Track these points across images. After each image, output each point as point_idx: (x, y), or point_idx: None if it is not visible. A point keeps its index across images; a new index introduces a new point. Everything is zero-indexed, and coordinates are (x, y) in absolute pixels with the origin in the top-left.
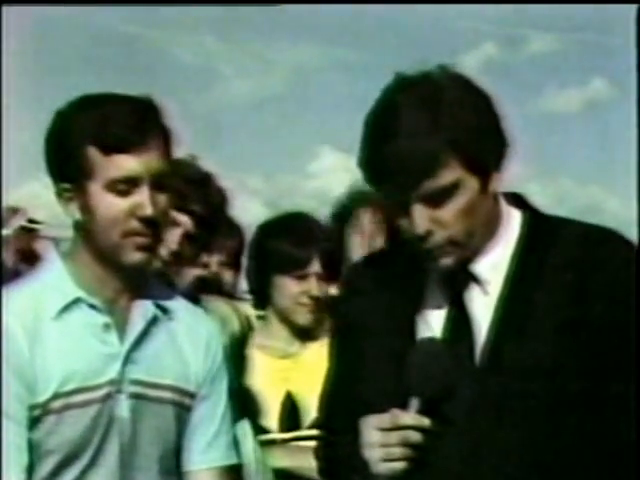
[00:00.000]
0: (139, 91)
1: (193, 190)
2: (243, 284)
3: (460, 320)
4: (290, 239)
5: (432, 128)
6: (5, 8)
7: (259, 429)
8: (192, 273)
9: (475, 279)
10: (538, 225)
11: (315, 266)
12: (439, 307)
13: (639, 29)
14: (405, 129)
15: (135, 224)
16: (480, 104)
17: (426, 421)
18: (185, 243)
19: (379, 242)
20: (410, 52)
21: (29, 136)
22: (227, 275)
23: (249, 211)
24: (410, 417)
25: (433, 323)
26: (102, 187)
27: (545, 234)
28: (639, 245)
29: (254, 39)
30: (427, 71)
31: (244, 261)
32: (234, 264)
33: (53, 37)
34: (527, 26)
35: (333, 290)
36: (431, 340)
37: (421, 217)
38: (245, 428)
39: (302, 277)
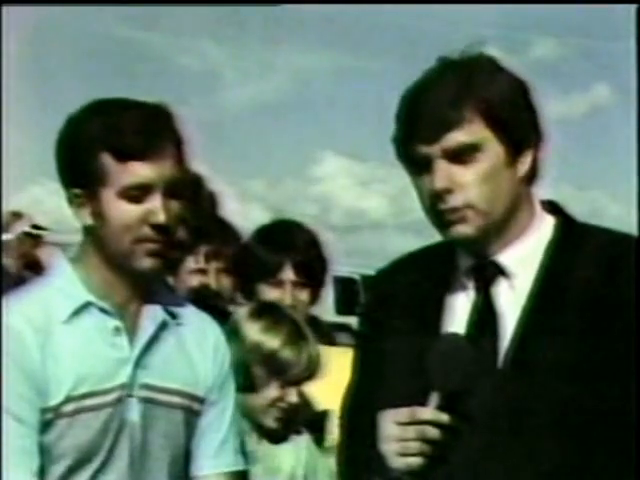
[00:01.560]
0: (140, 96)
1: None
2: None
3: (486, 315)
4: (264, 246)
5: (462, 89)
6: (5, 8)
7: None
8: (190, 280)
9: (501, 271)
10: (571, 230)
11: (289, 274)
12: (465, 302)
13: (639, 29)
14: (437, 89)
15: (147, 231)
16: (514, 81)
17: (445, 417)
18: (177, 252)
19: None
20: (413, 57)
21: (30, 140)
22: (225, 282)
23: (252, 217)
24: (429, 412)
25: (458, 318)
26: (115, 193)
27: (578, 238)
28: (638, 249)
29: (256, 45)
30: (467, 53)
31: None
32: (233, 270)
33: (54, 40)
34: (530, 31)
35: (304, 296)
36: (453, 335)
37: (442, 172)
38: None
39: (276, 284)
